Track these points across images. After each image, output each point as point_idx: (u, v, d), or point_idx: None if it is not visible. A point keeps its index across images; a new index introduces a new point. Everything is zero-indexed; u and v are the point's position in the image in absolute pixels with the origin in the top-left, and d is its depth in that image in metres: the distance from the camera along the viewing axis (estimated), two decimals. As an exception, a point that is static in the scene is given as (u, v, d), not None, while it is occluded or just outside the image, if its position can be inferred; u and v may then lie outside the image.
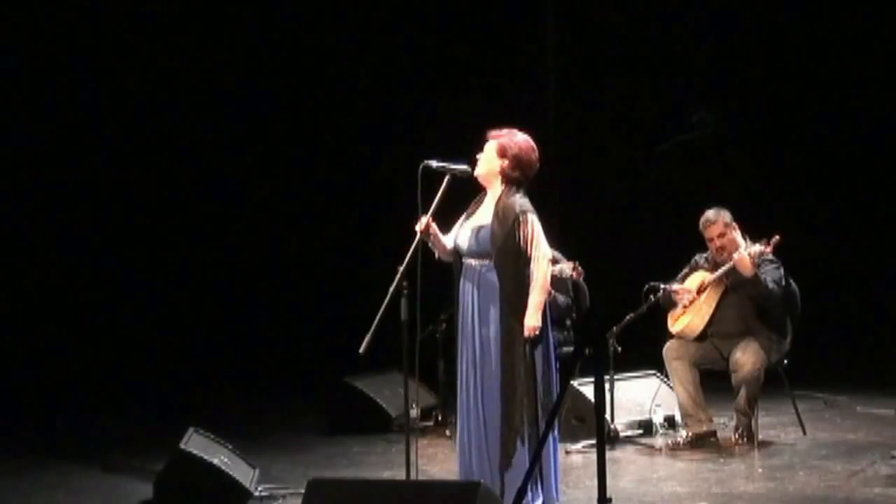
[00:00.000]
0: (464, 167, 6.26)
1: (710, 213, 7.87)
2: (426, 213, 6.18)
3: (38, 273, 11.11)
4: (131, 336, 11.28)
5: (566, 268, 7.58)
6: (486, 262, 6.15)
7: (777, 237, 7.54)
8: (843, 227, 11.20)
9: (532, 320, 6.06)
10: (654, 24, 11.70)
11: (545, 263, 6.14)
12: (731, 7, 11.46)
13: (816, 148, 11.31)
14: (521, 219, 6.09)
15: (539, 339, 6.09)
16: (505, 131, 6.26)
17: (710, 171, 11.08)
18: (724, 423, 8.14)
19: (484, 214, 6.23)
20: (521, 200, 6.16)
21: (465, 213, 6.33)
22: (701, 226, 7.90)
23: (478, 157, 6.25)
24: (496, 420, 6.08)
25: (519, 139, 6.23)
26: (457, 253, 6.28)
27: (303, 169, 12.03)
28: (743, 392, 7.73)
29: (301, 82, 11.96)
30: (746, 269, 7.59)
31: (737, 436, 7.83)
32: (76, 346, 10.99)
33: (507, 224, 6.09)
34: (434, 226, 6.23)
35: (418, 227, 6.17)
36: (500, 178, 6.21)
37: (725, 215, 7.84)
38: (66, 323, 11.05)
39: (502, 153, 6.20)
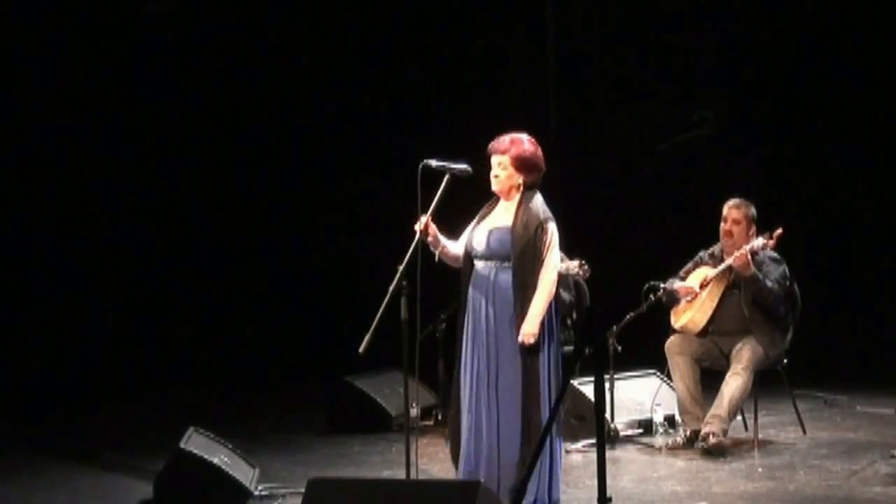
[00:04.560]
0: (464, 166, 6.26)
1: (739, 199, 7.89)
2: (426, 212, 6.18)
3: (37, 274, 11.09)
4: (131, 335, 11.27)
5: (573, 265, 7.57)
6: (502, 263, 6.16)
7: (779, 231, 7.55)
8: (843, 227, 11.17)
9: (528, 327, 6.07)
10: (655, 23, 11.68)
11: (553, 273, 6.17)
12: (731, 6, 11.45)
13: (816, 148, 11.29)
14: (543, 227, 6.15)
15: (538, 347, 6.09)
16: (507, 141, 6.24)
17: (710, 171, 11.07)
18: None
19: (500, 217, 6.25)
20: (542, 207, 6.22)
21: (478, 216, 6.34)
22: (725, 206, 7.90)
23: (492, 175, 6.24)
24: (514, 424, 6.08)
25: (525, 146, 6.25)
26: (467, 255, 6.28)
27: (302, 168, 12.02)
28: (725, 394, 7.64)
29: (300, 81, 11.95)
30: (745, 267, 7.59)
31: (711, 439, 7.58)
32: (75, 345, 10.97)
33: (530, 230, 6.13)
34: (433, 225, 6.23)
35: (418, 227, 6.17)
36: (521, 187, 6.24)
37: (752, 210, 7.86)
38: (65, 322, 11.03)
39: (519, 167, 6.21)
